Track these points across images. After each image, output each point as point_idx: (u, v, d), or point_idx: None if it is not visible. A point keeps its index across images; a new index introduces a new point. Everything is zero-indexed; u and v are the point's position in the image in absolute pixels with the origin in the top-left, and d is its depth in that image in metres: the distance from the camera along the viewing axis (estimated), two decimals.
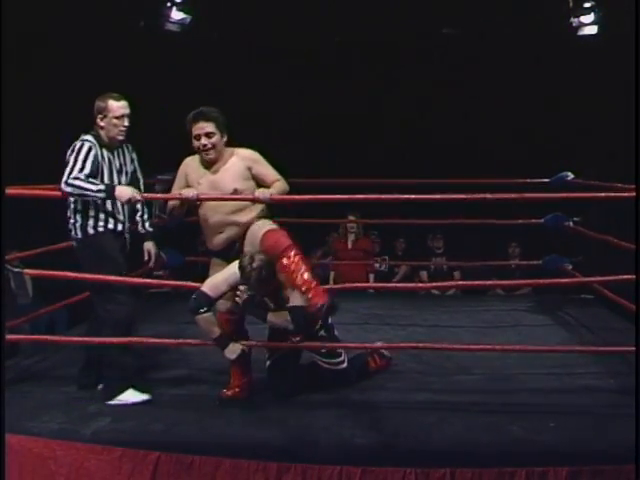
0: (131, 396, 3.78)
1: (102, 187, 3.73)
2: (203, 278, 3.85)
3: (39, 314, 5.18)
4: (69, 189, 3.72)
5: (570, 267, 6.00)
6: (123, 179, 3.95)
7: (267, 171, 3.90)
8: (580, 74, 7.40)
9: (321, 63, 8.07)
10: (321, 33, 7.87)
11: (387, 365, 4.34)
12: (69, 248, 4.12)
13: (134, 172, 4.07)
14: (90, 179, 3.74)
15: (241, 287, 3.68)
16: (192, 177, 3.92)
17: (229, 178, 3.85)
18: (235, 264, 3.65)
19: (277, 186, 3.85)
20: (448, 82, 8.07)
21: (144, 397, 3.79)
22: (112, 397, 3.78)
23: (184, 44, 7.78)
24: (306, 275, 3.62)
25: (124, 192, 3.78)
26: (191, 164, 3.95)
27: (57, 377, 4.24)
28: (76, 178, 3.72)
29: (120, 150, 3.97)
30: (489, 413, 3.66)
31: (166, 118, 7.27)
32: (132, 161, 4.06)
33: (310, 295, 3.59)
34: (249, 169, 3.88)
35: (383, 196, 4.00)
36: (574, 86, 7.45)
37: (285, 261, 3.61)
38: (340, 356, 4.03)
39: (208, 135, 3.81)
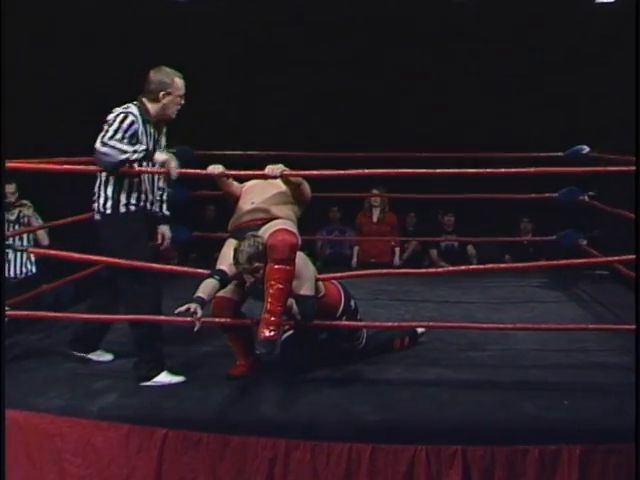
0: (166, 378, 3.77)
1: (139, 147, 3.63)
2: (210, 254, 3.84)
3: (44, 290, 5.19)
4: (105, 149, 3.59)
5: (585, 243, 5.95)
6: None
7: (304, 188, 4.00)
8: (597, 42, 7.31)
9: (331, 34, 8.00)
10: (332, 4, 7.80)
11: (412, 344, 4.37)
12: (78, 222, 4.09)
13: (165, 147, 4.03)
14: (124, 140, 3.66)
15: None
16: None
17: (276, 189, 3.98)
18: None
19: (298, 179, 3.91)
20: (459, 53, 8.00)
21: (179, 379, 3.78)
22: (147, 378, 3.76)
23: (193, 13, 7.74)
24: (280, 303, 3.54)
25: (161, 156, 3.69)
26: None
27: (63, 353, 4.23)
28: (111, 138, 3.62)
29: (159, 126, 3.93)
30: (501, 390, 3.66)
31: None
32: (165, 136, 4.02)
33: (265, 326, 3.50)
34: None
35: (394, 171, 3.96)
36: (591, 54, 7.37)
37: (276, 267, 3.55)
38: (359, 339, 4.07)
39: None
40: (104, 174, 3.78)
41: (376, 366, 4.04)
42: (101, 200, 3.82)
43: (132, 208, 3.81)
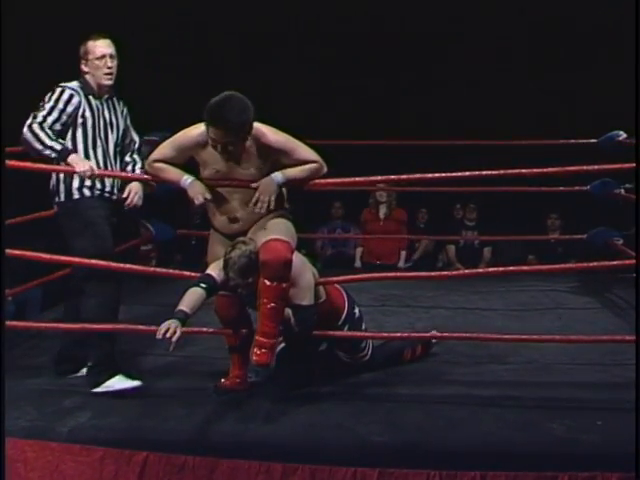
0: (119, 382, 3.79)
1: (57, 146, 3.74)
2: (196, 255, 3.83)
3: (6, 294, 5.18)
4: (27, 134, 3.74)
5: (620, 242, 5.94)
6: (112, 135, 3.99)
7: (297, 157, 3.67)
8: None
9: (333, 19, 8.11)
10: None
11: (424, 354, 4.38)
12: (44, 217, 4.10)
13: (126, 130, 4.09)
14: (52, 132, 3.76)
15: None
16: (204, 159, 3.70)
17: (251, 176, 3.66)
18: None
19: (302, 169, 3.67)
20: (476, 28, 8.05)
21: (134, 383, 3.80)
22: (99, 383, 3.80)
23: None
24: (273, 324, 3.55)
25: (81, 161, 3.77)
26: (202, 144, 3.67)
27: (28, 367, 4.24)
28: (40, 125, 3.75)
29: (111, 102, 4.02)
30: (525, 409, 3.66)
31: (155, 69, 7.31)
32: (124, 117, 4.09)
33: (257, 348, 3.53)
34: (275, 161, 3.69)
35: (405, 176, 3.98)
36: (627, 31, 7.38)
37: (268, 284, 3.52)
38: (364, 350, 4.07)
39: (225, 144, 3.55)
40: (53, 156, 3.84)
41: (383, 380, 4.05)
42: (54, 187, 3.93)
43: (87, 193, 3.87)
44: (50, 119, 3.79)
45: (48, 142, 3.74)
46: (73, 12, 7.46)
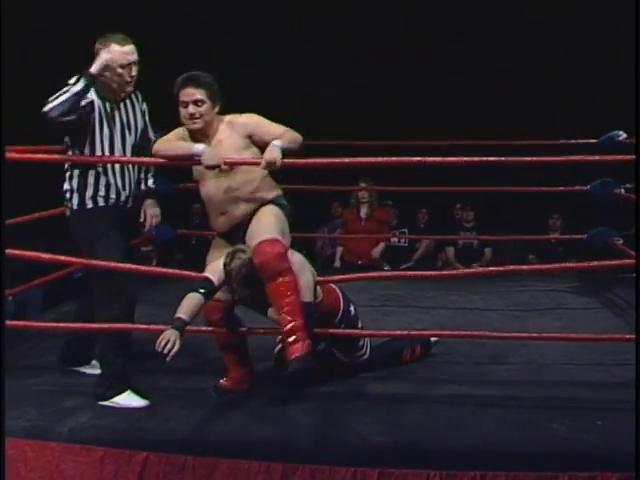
0: (127, 399, 3.75)
1: (80, 84, 3.56)
2: (197, 255, 3.82)
3: (6, 294, 5.17)
4: (48, 108, 3.53)
5: (620, 242, 5.94)
6: (130, 137, 3.87)
7: (270, 129, 3.76)
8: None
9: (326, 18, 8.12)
10: None
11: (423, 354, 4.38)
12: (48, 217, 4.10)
13: (145, 128, 3.98)
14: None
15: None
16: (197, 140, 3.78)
17: (224, 152, 3.71)
18: None
19: (286, 137, 3.70)
20: (477, 28, 8.05)
21: (141, 403, 3.75)
22: (106, 397, 3.75)
23: None
24: (297, 316, 3.55)
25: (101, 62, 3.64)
26: (184, 137, 3.81)
27: (28, 367, 4.25)
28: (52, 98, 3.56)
29: (128, 101, 3.88)
30: (525, 409, 3.66)
31: (156, 69, 7.28)
32: (143, 114, 3.97)
33: (291, 344, 3.53)
34: (249, 136, 3.75)
35: (407, 159, 3.96)
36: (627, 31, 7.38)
37: (274, 284, 3.55)
38: (362, 349, 4.06)
39: (196, 103, 3.69)
40: (69, 164, 3.81)
41: (383, 380, 4.04)
42: (67, 194, 3.85)
43: (101, 202, 3.81)
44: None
45: (69, 93, 3.54)
46: (73, 12, 7.48)
